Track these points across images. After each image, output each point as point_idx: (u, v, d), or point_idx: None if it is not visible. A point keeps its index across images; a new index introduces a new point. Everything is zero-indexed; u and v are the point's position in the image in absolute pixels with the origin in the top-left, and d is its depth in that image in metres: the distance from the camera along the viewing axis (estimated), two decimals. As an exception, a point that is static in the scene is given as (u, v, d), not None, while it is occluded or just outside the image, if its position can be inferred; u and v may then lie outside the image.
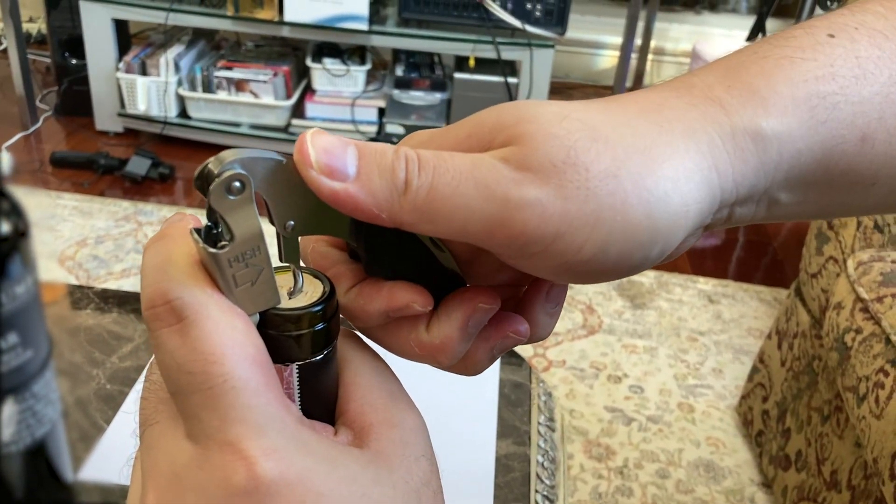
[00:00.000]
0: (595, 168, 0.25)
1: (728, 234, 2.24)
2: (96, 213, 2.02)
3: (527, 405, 0.74)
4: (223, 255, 0.25)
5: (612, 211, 0.25)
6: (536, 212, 0.25)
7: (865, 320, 1.03)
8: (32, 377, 0.52)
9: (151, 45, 2.36)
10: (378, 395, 0.30)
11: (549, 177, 0.25)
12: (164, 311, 0.25)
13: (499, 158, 0.26)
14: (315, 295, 0.28)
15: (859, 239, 1.15)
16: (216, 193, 0.25)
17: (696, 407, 1.57)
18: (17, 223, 0.49)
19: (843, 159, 0.29)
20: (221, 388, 0.24)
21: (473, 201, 0.25)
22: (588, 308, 1.82)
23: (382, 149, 0.26)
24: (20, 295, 0.49)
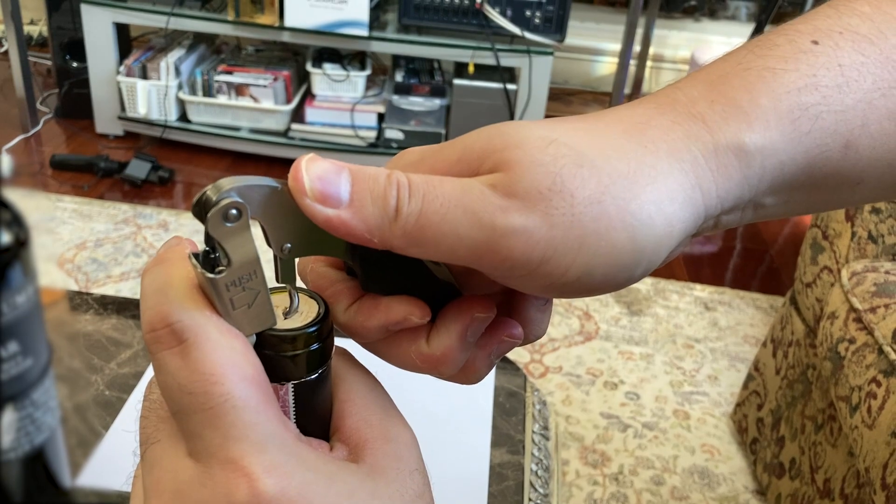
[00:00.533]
0: (580, 194, 0.26)
1: (725, 242, 2.24)
2: (96, 216, 2.03)
3: (521, 414, 0.75)
4: (221, 279, 0.26)
5: (596, 236, 0.26)
6: (522, 239, 0.26)
7: (859, 330, 1.03)
8: (32, 385, 0.53)
9: (152, 49, 2.36)
10: (372, 412, 0.30)
11: (535, 203, 0.26)
12: (164, 334, 0.26)
13: (487, 185, 0.26)
14: (310, 315, 0.29)
15: (853, 249, 1.16)
16: (214, 221, 0.25)
17: (692, 414, 1.57)
18: (18, 233, 0.50)
19: (827, 165, 0.30)
20: (222, 407, 0.25)
21: (461, 228, 0.26)
22: (585, 314, 1.83)
23: (375, 174, 0.27)
24: (21, 304, 0.50)
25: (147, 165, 2.17)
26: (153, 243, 1.94)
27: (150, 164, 2.18)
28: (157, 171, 2.19)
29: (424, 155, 0.29)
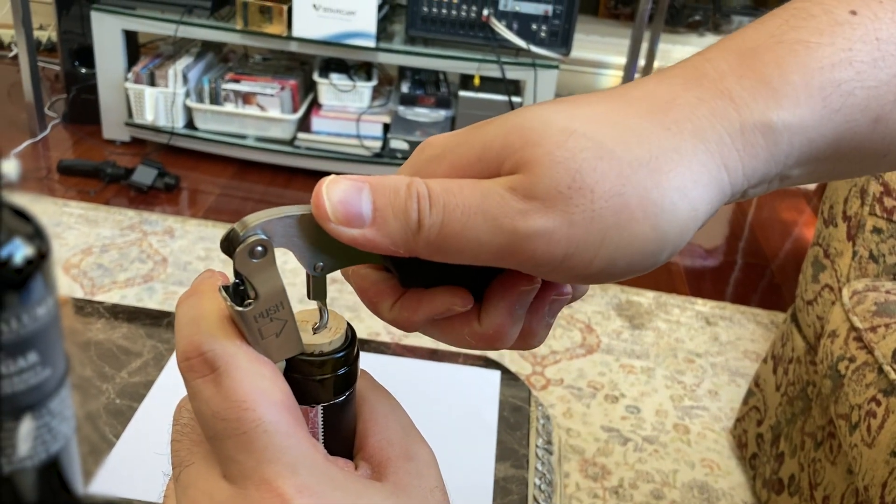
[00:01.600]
0: (600, 189, 0.26)
1: (726, 257, 2.26)
2: (102, 221, 2.04)
3: (525, 428, 0.76)
4: (249, 312, 0.27)
5: (617, 229, 0.26)
6: (544, 240, 0.26)
7: (859, 349, 1.04)
8: (50, 395, 0.54)
9: (160, 56, 2.38)
10: (394, 432, 0.32)
11: (555, 204, 0.26)
12: (197, 363, 0.27)
13: (507, 188, 0.26)
14: (339, 331, 0.30)
15: (854, 268, 1.17)
16: (241, 258, 0.27)
17: (692, 428, 1.58)
18: (40, 246, 0.51)
19: (855, 138, 0.29)
20: (255, 432, 0.26)
21: (483, 235, 0.27)
22: (587, 327, 1.84)
23: (395, 187, 0.27)
24: (41, 316, 0.51)
25: (153, 172, 2.19)
26: (158, 249, 1.95)
27: (156, 170, 2.19)
28: (163, 177, 2.20)
29: (445, 149, 0.29)
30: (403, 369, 0.81)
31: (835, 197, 1.23)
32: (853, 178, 0.33)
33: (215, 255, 1.93)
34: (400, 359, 0.82)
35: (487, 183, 0.27)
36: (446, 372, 0.81)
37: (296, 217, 0.28)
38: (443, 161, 0.28)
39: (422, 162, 0.29)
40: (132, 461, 0.67)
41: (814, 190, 2.69)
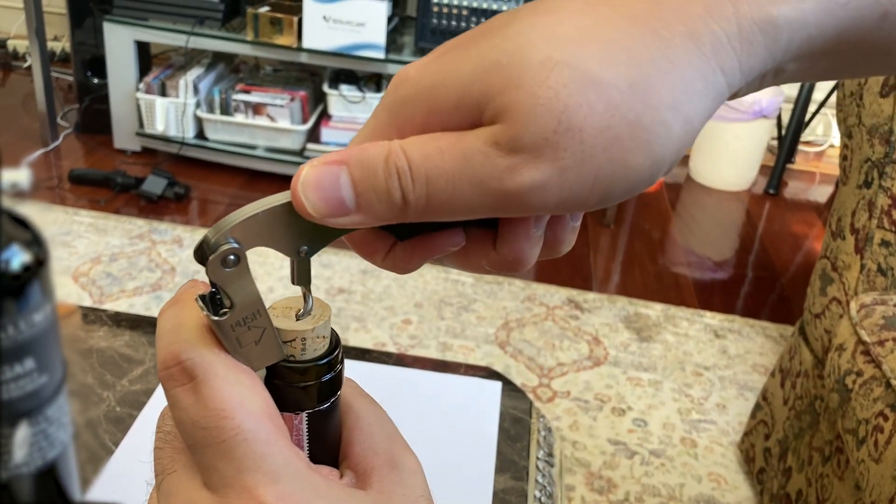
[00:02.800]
0: (589, 126, 0.24)
1: (736, 270, 2.24)
2: (111, 230, 2.06)
3: (526, 440, 0.76)
4: (225, 321, 0.27)
5: (610, 164, 0.25)
6: (535, 192, 0.25)
7: (866, 363, 1.03)
8: (46, 401, 0.54)
9: (172, 67, 2.40)
10: (379, 440, 0.31)
11: (542, 152, 0.24)
12: (176, 372, 0.27)
13: (490, 144, 0.25)
14: (323, 317, 0.29)
15: (862, 281, 1.16)
16: (213, 267, 0.27)
17: (699, 442, 1.57)
18: (38, 252, 0.51)
19: (858, 35, 0.28)
20: (234, 440, 0.26)
21: (472, 199, 0.25)
22: (594, 339, 1.83)
23: (373, 165, 0.26)
24: (38, 322, 0.51)
25: (163, 181, 2.20)
26: (167, 259, 1.96)
27: (166, 180, 2.21)
28: (173, 187, 2.21)
29: (421, 89, 0.27)
30: (405, 380, 0.81)
31: (842, 209, 1.22)
32: (852, 78, 0.30)
33: (223, 265, 1.93)
34: (402, 369, 0.82)
35: (469, 140, 0.25)
36: (448, 383, 0.81)
37: (269, 210, 0.27)
38: (420, 104, 0.26)
39: (398, 103, 0.27)
40: (131, 469, 0.67)
41: (825, 202, 2.68)
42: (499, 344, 1.78)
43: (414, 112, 0.26)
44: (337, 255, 2.04)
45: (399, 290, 1.93)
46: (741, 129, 2.58)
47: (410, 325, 1.81)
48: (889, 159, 1.12)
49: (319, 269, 1.97)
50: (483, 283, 2.00)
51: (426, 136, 0.26)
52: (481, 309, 1.90)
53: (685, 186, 2.72)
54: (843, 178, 1.23)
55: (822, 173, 2.91)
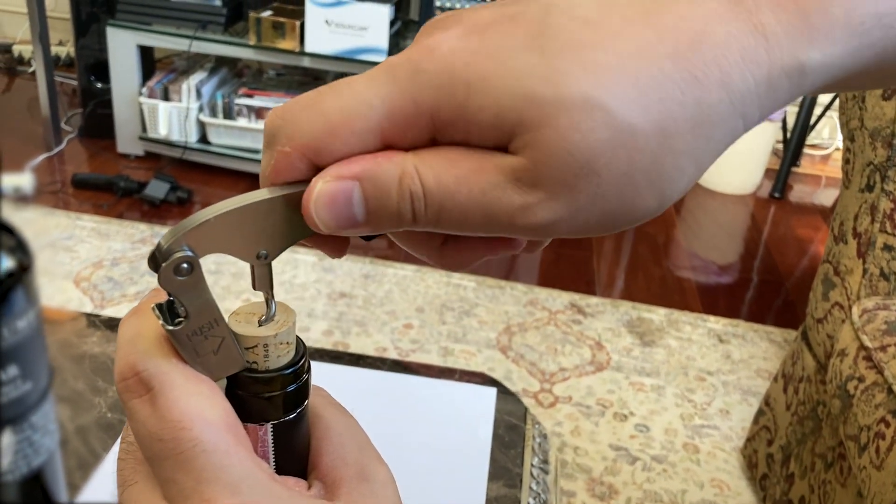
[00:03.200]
0: (607, 172, 0.24)
1: (740, 274, 2.23)
2: (114, 234, 2.06)
3: (520, 447, 0.75)
4: (180, 331, 0.26)
5: (621, 204, 0.25)
6: (543, 229, 0.25)
7: (868, 369, 1.02)
8: (31, 408, 0.53)
9: (175, 71, 2.40)
10: (349, 450, 0.31)
11: (559, 194, 0.25)
12: (133, 383, 0.27)
13: (511, 180, 0.25)
14: (286, 323, 0.29)
15: (865, 286, 1.15)
16: (165, 276, 0.26)
17: (702, 448, 1.56)
18: (22, 258, 0.51)
19: (879, 68, 0.27)
20: (192, 451, 0.26)
21: (479, 226, 0.26)
22: (597, 344, 1.82)
23: (387, 186, 0.25)
24: (22, 329, 0.50)
25: (166, 186, 2.20)
26: (169, 263, 1.96)
27: (169, 184, 2.21)
28: (175, 191, 2.21)
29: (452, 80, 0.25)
30: (398, 385, 0.80)
31: (845, 214, 1.21)
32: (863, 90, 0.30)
33: (225, 269, 1.93)
34: (395, 375, 0.81)
35: (489, 175, 0.25)
36: (442, 389, 0.80)
37: (223, 215, 0.26)
38: (450, 99, 0.25)
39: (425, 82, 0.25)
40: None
41: (830, 206, 2.66)
42: (500, 349, 1.77)
43: (442, 104, 0.25)
44: (339, 259, 2.03)
45: (401, 295, 1.92)
46: (746, 133, 2.56)
47: (412, 329, 1.81)
48: (891, 163, 1.10)
49: (321, 273, 1.97)
50: (485, 287, 1.99)
51: (443, 157, 0.25)
52: (483, 313, 1.89)
53: (690, 190, 2.71)
54: (846, 182, 1.22)
55: (827, 177, 2.89)
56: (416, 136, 0.26)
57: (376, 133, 0.26)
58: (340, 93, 0.26)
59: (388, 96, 0.25)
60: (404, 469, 0.36)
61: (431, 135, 0.26)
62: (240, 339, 0.28)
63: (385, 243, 2.17)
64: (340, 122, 0.26)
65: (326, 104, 0.26)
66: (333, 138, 0.26)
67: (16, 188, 2.51)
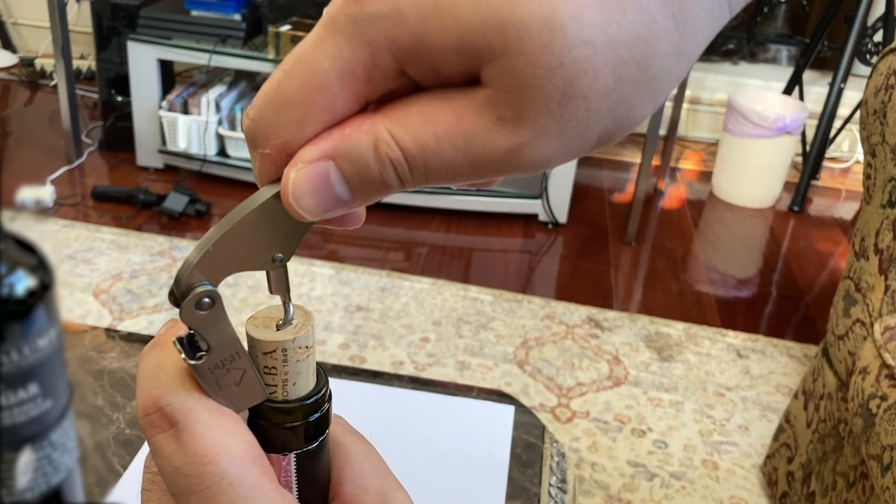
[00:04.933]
0: (594, 92, 0.23)
1: (760, 288, 2.21)
2: (133, 247, 2.07)
3: (538, 466, 0.74)
4: (202, 365, 0.26)
5: (615, 122, 0.24)
6: (536, 166, 0.24)
7: (891, 387, 1.01)
8: (51, 426, 0.53)
9: (194, 85, 2.42)
10: (369, 478, 0.31)
11: (546, 127, 0.23)
12: (157, 418, 0.26)
13: (493, 121, 0.23)
14: (305, 326, 0.28)
15: (887, 303, 1.14)
16: (187, 311, 0.26)
17: (721, 464, 1.54)
18: (44, 277, 0.51)
19: None
20: (218, 486, 0.26)
21: (472, 176, 0.24)
22: (614, 359, 1.81)
23: (362, 158, 0.24)
24: (43, 347, 0.51)
25: (185, 199, 2.22)
26: (187, 276, 1.97)
27: (187, 197, 2.22)
28: (194, 204, 2.23)
29: (404, 8, 0.23)
30: (416, 402, 0.80)
31: (866, 229, 1.20)
32: None
33: (242, 282, 1.94)
34: (412, 392, 0.81)
35: (468, 122, 0.23)
36: (459, 406, 0.80)
37: (224, 236, 0.26)
38: (404, 27, 0.23)
39: (369, 17, 0.23)
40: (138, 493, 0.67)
41: (850, 219, 2.64)
42: (517, 363, 1.77)
43: (396, 34, 0.23)
44: (356, 272, 2.03)
45: (417, 308, 1.92)
46: (765, 146, 2.55)
47: (428, 343, 1.81)
48: (913, 178, 1.09)
49: (338, 285, 1.97)
50: (502, 301, 1.98)
51: (417, 112, 0.23)
52: (500, 327, 1.88)
53: (708, 203, 2.69)
54: (867, 198, 1.21)
55: (847, 190, 2.87)
56: (386, 79, 0.24)
57: (346, 96, 0.24)
58: (292, 72, 0.24)
59: (339, 52, 0.23)
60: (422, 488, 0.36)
61: (401, 72, 0.23)
62: (258, 343, 0.27)
63: (402, 256, 2.17)
64: (305, 105, 0.24)
65: (285, 90, 0.24)
66: (305, 125, 0.24)
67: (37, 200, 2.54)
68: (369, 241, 2.22)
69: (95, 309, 1.82)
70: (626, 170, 2.88)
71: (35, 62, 3.14)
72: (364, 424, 0.34)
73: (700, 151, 3.07)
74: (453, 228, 2.34)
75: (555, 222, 2.38)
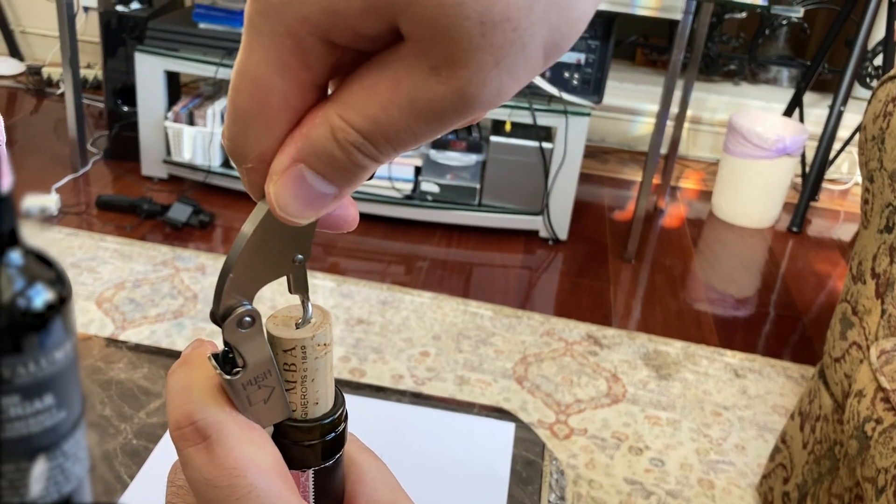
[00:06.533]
0: (514, 10, 0.21)
1: (758, 308, 2.23)
2: (136, 256, 2.08)
3: (538, 483, 0.76)
4: (237, 380, 0.28)
5: (554, 30, 0.22)
6: (490, 99, 0.23)
7: (886, 411, 1.02)
8: (64, 437, 0.54)
9: (200, 96, 2.44)
10: (382, 493, 0.32)
11: (480, 58, 0.22)
12: (189, 432, 0.28)
13: (428, 74, 0.22)
14: (323, 325, 0.29)
15: (883, 327, 1.15)
16: (229, 329, 0.28)
17: (717, 484, 1.55)
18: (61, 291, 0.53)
19: None
20: (247, 497, 0.27)
21: (435, 131, 0.24)
22: (613, 376, 1.82)
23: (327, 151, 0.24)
24: (59, 360, 0.52)
25: (189, 209, 2.23)
26: (190, 286, 1.98)
27: (191, 207, 2.24)
28: (198, 214, 2.24)
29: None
30: (418, 418, 0.81)
31: (863, 253, 1.21)
32: None
33: (245, 293, 1.95)
34: (413, 407, 0.82)
35: (406, 85, 0.23)
36: (460, 422, 0.81)
37: (246, 247, 0.27)
38: (308, 4, 0.22)
39: (275, 7, 0.23)
40: (145, 502, 0.68)
41: (849, 241, 2.66)
42: (516, 379, 1.78)
43: (306, 13, 0.22)
44: (357, 285, 2.05)
45: (418, 322, 1.93)
46: (765, 167, 2.57)
47: (428, 357, 1.82)
48: (910, 204, 1.11)
49: (339, 298, 1.98)
50: (502, 316, 2.00)
51: (359, 87, 0.23)
52: (499, 343, 1.89)
53: (707, 223, 2.71)
54: (865, 223, 1.23)
55: (846, 211, 2.89)
56: (322, 58, 0.23)
57: (294, 90, 0.24)
58: (239, 87, 0.24)
59: (267, 52, 0.23)
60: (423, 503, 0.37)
61: (332, 46, 0.23)
62: (278, 341, 0.29)
63: (403, 269, 2.18)
64: (263, 114, 0.24)
65: (241, 106, 0.24)
66: (272, 131, 0.24)
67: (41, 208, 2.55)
68: (371, 255, 2.24)
69: (98, 318, 1.83)
70: (626, 187, 2.90)
71: (42, 70, 3.16)
72: (366, 439, 0.35)
73: (700, 171, 3.09)
74: (454, 243, 2.35)
75: (555, 239, 2.39)
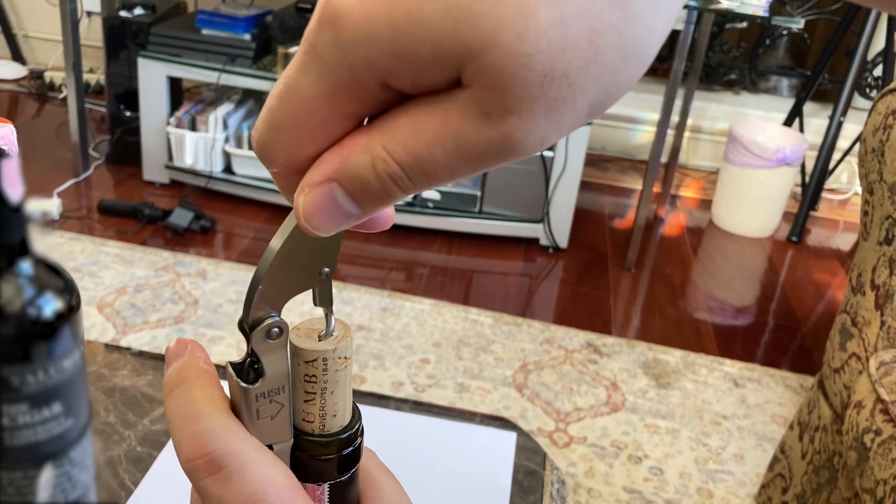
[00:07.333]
0: (574, 68, 0.22)
1: (757, 318, 2.23)
2: (137, 261, 2.09)
3: (539, 493, 0.76)
4: (254, 390, 0.28)
5: (603, 92, 0.23)
6: (532, 147, 0.24)
7: (885, 422, 1.03)
8: (71, 444, 0.55)
9: (202, 102, 2.45)
10: None
11: (532, 109, 0.23)
12: (203, 464, 0.28)
13: (479, 118, 0.23)
14: (345, 338, 0.30)
15: (882, 338, 1.16)
16: (258, 337, 0.28)
17: (716, 493, 1.56)
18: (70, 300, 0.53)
19: None
20: None
21: (472, 171, 0.25)
22: (612, 385, 1.83)
23: (364, 178, 0.24)
24: (67, 368, 0.52)
25: (190, 214, 2.24)
26: (191, 291, 1.98)
27: (192, 213, 2.24)
28: (199, 220, 2.25)
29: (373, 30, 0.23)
30: (419, 427, 0.82)
31: (863, 265, 1.22)
32: None
33: (245, 299, 1.96)
34: (415, 416, 0.83)
35: (455, 123, 0.23)
36: (462, 432, 0.82)
37: (275, 259, 0.27)
38: (378, 47, 0.23)
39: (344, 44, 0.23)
40: (149, 510, 0.68)
41: (848, 251, 2.67)
42: (516, 386, 1.78)
43: (373, 55, 0.23)
44: (358, 291, 2.05)
45: (418, 329, 1.94)
46: (764, 176, 2.58)
47: (428, 364, 1.82)
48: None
49: (340, 305, 1.99)
50: (502, 324, 2.00)
51: (407, 123, 0.24)
52: (499, 350, 1.90)
53: (707, 232, 2.72)
54: (864, 234, 1.23)
55: (845, 221, 2.89)
56: (373, 95, 0.24)
57: (336, 117, 0.25)
58: (283, 97, 0.25)
59: (323, 78, 0.24)
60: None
61: (386, 87, 0.24)
62: (300, 352, 0.29)
63: (404, 276, 2.19)
64: (298, 129, 0.25)
65: (279, 115, 0.25)
66: (302, 145, 0.25)
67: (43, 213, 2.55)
68: (371, 261, 2.24)
69: (99, 322, 1.83)
70: (627, 196, 2.91)
71: (45, 75, 3.17)
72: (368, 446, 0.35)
73: (700, 180, 3.10)
74: (455, 250, 2.36)
75: (555, 247, 2.40)
